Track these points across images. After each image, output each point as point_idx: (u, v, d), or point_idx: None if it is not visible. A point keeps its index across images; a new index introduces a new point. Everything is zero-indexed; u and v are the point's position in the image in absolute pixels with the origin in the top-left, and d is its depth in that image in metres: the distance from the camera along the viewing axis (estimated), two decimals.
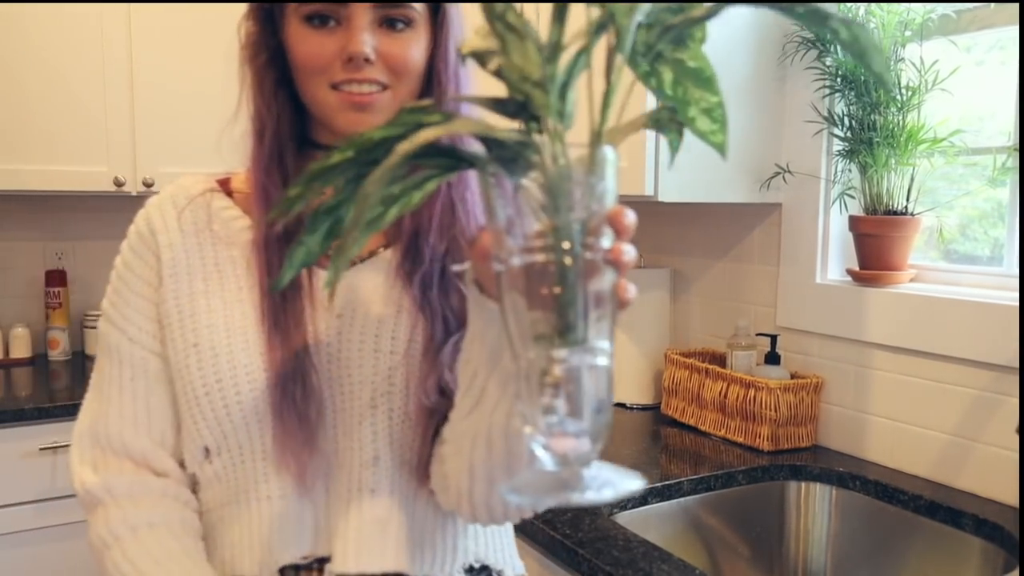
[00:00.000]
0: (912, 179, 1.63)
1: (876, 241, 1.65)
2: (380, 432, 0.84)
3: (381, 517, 0.83)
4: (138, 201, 2.88)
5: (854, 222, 1.69)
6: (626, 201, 0.55)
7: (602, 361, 0.56)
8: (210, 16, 2.37)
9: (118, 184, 2.28)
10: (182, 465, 0.90)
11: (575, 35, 0.56)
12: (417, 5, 0.81)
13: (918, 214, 1.65)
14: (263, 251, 0.83)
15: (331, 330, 0.84)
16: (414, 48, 0.81)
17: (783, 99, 1.82)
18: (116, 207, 2.62)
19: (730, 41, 1.74)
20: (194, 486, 0.91)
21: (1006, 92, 1.55)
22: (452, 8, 0.85)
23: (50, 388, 2.19)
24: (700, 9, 0.54)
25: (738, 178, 1.78)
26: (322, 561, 0.84)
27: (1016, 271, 1.52)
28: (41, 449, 1.99)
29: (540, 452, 0.57)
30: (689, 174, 1.71)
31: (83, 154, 2.27)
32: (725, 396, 1.79)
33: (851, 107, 1.66)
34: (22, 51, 2.18)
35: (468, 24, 0.85)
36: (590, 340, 0.55)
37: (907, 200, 1.64)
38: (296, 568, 0.84)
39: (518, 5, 0.55)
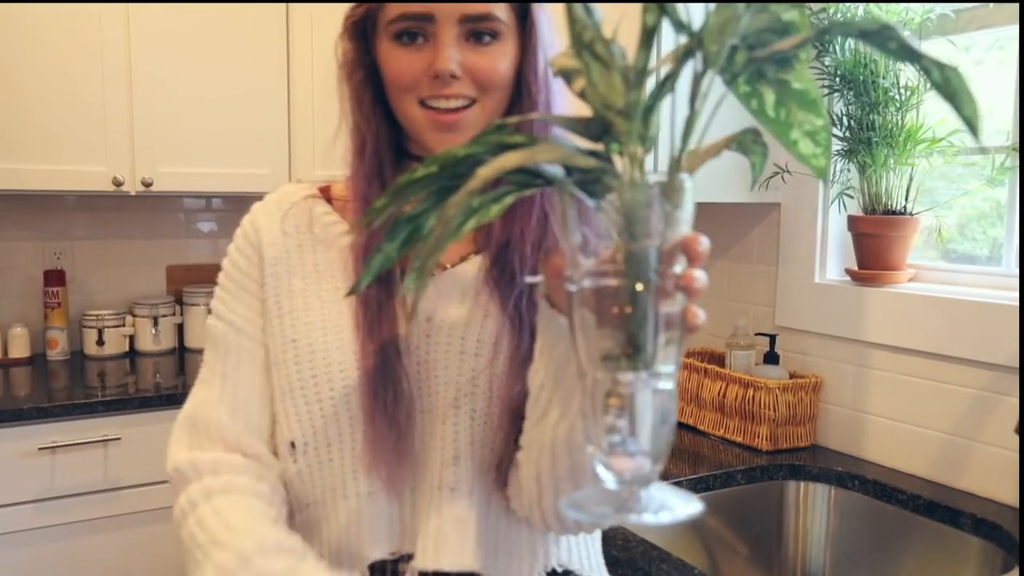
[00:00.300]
0: (911, 179, 1.63)
1: (875, 241, 1.65)
2: (462, 432, 0.86)
3: (460, 516, 0.85)
4: (137, 201, 2.87)
5: (853, 222, 1.69)
6: None
7: (666, 385, 0.57)
8: (209, 16, 2.37)
9: (117, 184, 2.28)
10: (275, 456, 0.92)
11: (662, 60, 0.57)
12: (504, 16, 0.82)
13: (917, 214, 1.65)
14: (361, 257, 0.86)
15: (420, 332, 0.87)
16: (501, 61, 0.82)
17: None
18: (115, 207, 2.61)
19: None
20: (285, 484, 0.92)
21: (1005, 92, 1.55)
22: (541, 16, 0.85)
23: (48, 388, 2.19)
24: (802, 34, 0.55)
25: (737, 178, 1.78)
26: (408, 558, 0.86)
27: (1015, 271, 1.52)
28: (40, 449, 1.99)
29: (601, 470, 0.57)
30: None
31: (82, 154, 2.27)
32: (724, 396, 1.79)
33: (850, 107, 1.66)
34: (22, 51, 2.18)
35: (558, 31, 0.84)
36: (656, 364, 0.56)
37: (906, 200, 1.64)
38: (384, 564, 0.86)
39: (608, 32, 0.56)
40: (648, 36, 0.56)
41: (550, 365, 0.74)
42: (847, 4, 1.63)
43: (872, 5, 1.61)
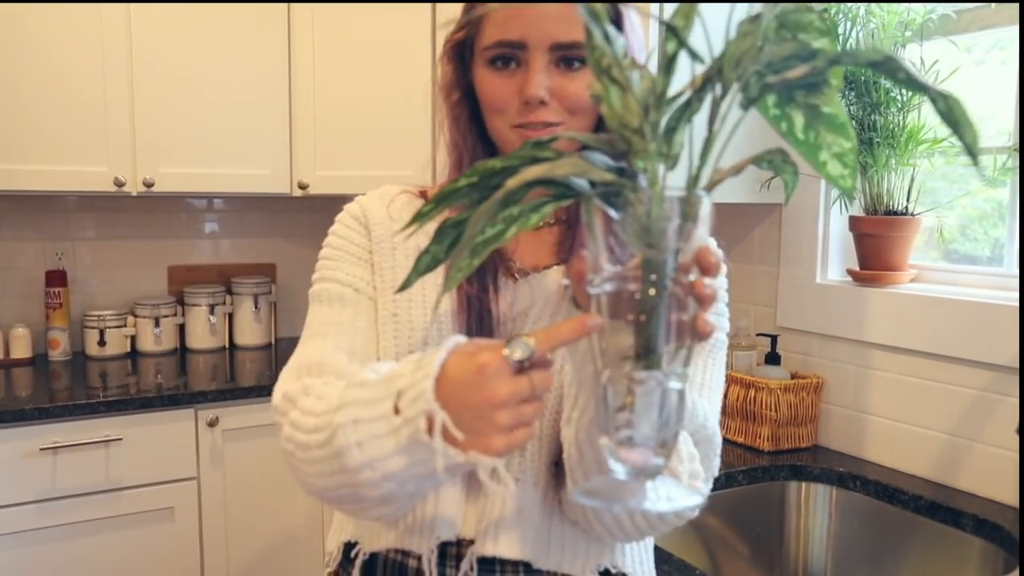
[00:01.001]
0: (912, 179, 1.63)
1: (876, 241, 1.65)
2: (549, 428, 0.90)
3: (522, 507, 0.89)
4: (138, 201, 2.88)
5: (854, 222, 1.69)
6: None
7: (675, 385, 0.62)
8: (211, 16, 2.37)
9: (118, 184, 2.28)
10: None
11: (686, 85, 0.62)
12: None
13: (918, 214, 1.65)
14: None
15: (505, 331, 0.92)
16: (582, 82, 0.85)
17: None
18: (116, 207, 2.62)
19: None
20: None
21: (1006, 92, 1.55)
22: (634, 40, 0.88)
23: (50, 388, 2.19)
24: (824, 58, 0.58)
25: (738, 178, 1.78)
26: (470, 542, 0.90)
27: (1016, 271, 1.52)
28: (42, 449, 1.99)
29: (611, 462, 0.62)
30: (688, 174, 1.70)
31: (83, 154, 2.27)
32: (725, 396, 1.79)
33: (851, 107, 1.66)
34: (22, 51, 2.18)
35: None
36: (667, 365, 0.61)
37: (907, 200, 1.64)
38: (448, 545, 0.90)
39: (626, 59, 0.62)
40: (669, 63, 0.60)
41: (573, 364, 0.77)
42: (847, 4, 1.63)
43: (873, 5, 1.61)
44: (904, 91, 1.59)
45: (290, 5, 2.47)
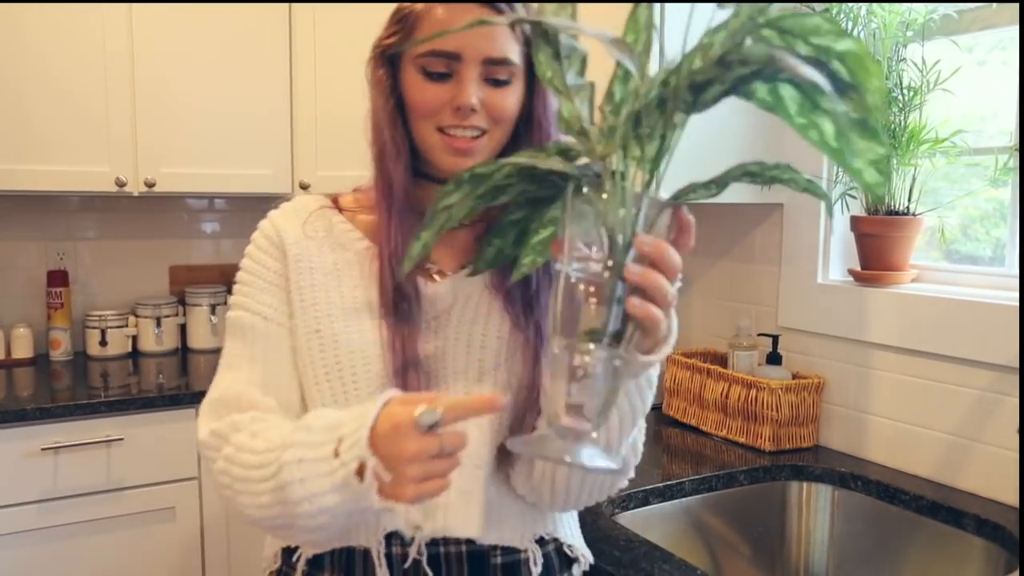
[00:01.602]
0: (914, 179, 1.63)
1: (878, 241, 1.65)
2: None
3: (466, 488, 0.95)
4: (140, 201, 2.87)
5: (856, 222, 1.69)
6: None
7: (617, 362, 0.69)
8: (212, 16, 2.37)
9: (120, 184, 2.28)
10: None
11: (639, 92, 0.68)
12: (517, 61, 0.94)
13: (920, 214, 1.65)
14: (387, 244, 0.97)
15: (431, 328, 0.98)
16: (512, 99, 0.95)
17: None
18: (118, 207, 2.62)
19: None
20: None
21: (1008, 92, 1.55)
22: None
23: (52, 388, 2.19)
24: (751, 66, 0.62)
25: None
26: (418, 527, 0.96)
27: (1017, 271, 1.52)
28: (43, 449, 1.99)
29: (552, 421, 0.72)
30: (690, 174, 1.70)
31: (85, 154, 2.27)
32: (727, 396, 1.79)
33: None
34: (23, 51, 2.19)
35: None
36: (611, 343, 0.69)
37: (909, 200, 1.64)
38: (394, 535, 0.96)
39: (569, 72, 0.75)
40: (624, 73, 0.70)
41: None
42: (848, 4, 1.63)
43: (875, 5, 1.61)
44: (905, 91, 1.59)
45: (291, 5, 2.47)
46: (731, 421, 1.79)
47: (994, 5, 1.55)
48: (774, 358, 1.81)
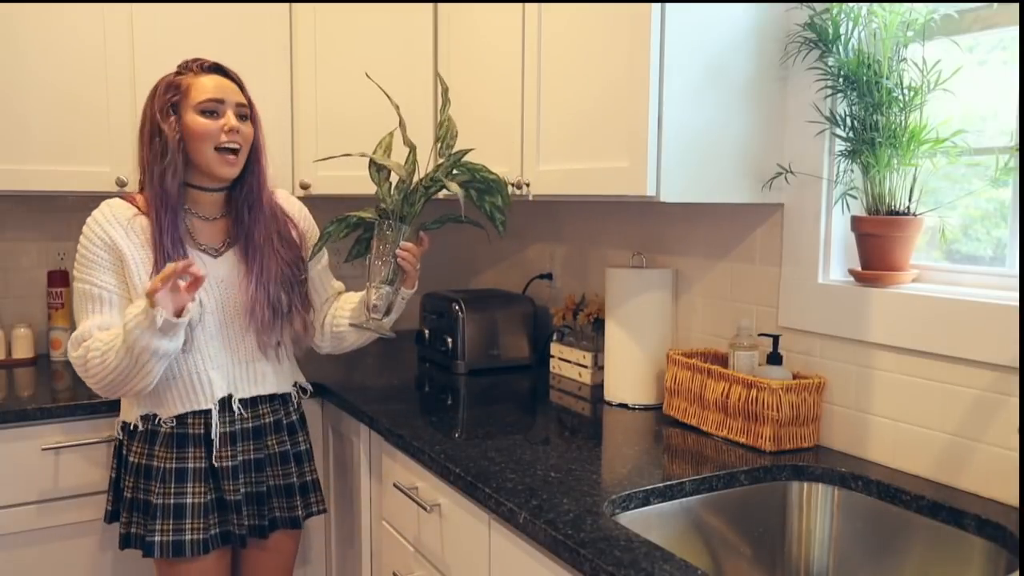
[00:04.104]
0: (914, 179, 1.63)
1: (878, 241, 1.64)
2: (242, 333, 1.80)
3: (251, 368, 1.82)
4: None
5: (856, 222, 1.69)
6: (628, 201, 0.57)
7: (392, 295, 1.80)
8: (213, 17, 2.37)
9: (120, 184, 2.29)
10: None
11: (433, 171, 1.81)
12: (250, 106, 1.78)
13: (920, 214, 1.65)
14: (158, 240, 1.70)
15: (215, 284, 1.76)
16: (251, 129, 1.76)
17: (785, 99, 1.82)
18: None
19: (732, 42, 1.74)
20: None
21: (1008, 92, 1.55)
22: (255, 111, 1.80)
23: (52, 388, 2.19)
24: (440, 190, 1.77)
25: (740, 178, 1.78)
26: (229, 395, 1.78)
27: (1018, 271, 1.52)
28: (43, 449, 2.00)
29: (367, 313, 1.81)
30: (691, 174, 1.71)
31: (85, 154, 2.27)
32: (727, 396, 1.79)
33: (853, 107, 1.66)
34: (24, 51, 2.19)
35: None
36: (390, 284, 1.78)
37: (909, 200, 1.64)
38: (224, 399, 1.77)
39: (393, 160, 1.79)
40: (399, 179, 1.78)
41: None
42: (848, 4, 1.63)
43: (875, 5, 1.61)
44: (906, 91, 1.59)
45: (291, 5, 2.47)
46: (732, 421, 1.79)
47: (995, 5, 1.54)
48: (775, 358, 1.81)
